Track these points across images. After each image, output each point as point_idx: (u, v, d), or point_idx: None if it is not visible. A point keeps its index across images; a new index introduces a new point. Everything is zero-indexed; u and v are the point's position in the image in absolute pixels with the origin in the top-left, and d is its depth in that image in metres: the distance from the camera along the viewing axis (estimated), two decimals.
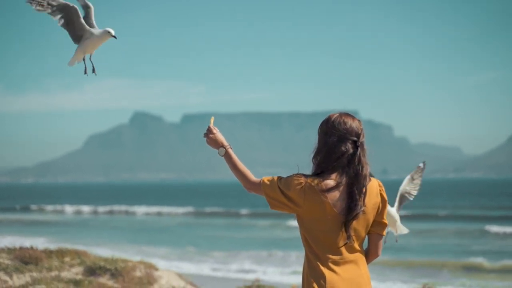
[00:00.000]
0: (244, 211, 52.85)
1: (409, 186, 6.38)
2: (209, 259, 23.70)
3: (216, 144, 3.95)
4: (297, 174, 3.68)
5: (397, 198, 6.28)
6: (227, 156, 3.91)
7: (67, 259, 9.51)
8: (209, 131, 3.97)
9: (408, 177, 6.34)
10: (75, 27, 4.69)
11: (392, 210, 6.05)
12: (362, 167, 3.64)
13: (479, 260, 22.32)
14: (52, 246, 11.60)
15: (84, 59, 4.79)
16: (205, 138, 3.98)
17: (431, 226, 36.75)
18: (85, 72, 4.81)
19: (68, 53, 4.79)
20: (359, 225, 3.65)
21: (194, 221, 46.54)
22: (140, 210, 57.75)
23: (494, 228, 33.23)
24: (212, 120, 4.05)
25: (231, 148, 3.93)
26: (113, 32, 4.71)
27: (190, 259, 23.69)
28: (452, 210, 50.22)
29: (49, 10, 4.57)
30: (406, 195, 6.36)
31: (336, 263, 3.62)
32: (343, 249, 3.64)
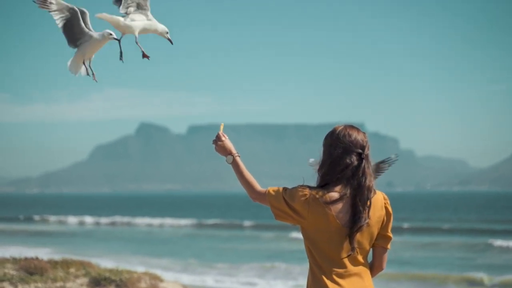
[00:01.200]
0: (247, 223, 52.78)
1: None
2: (212, 271, 23.67)
3: (224, 151, 3.94)
4: (302, 185, 3.69)
5: None
6: (235, 164, 3.90)
7: (72, 270, 9.51)
8: (218, 138, 3.97)
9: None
10: (74, 31, 4.63)
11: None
12: (366, 179, 3.64)
13: (483, 274, 22.24)
14: (57, 256, 11.60)
15: (84, 63, 4.71)
16: (213, 145, 3.97)
17: (436, 239, 36.65)
18: (87, 73, 4.72)
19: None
20: (363, 238, 3.66)
21: (197, 232, 46.49)
22: (144, 221, 57.70)
23: (499, 242, 33.10)
24: (221, 127, 4.03)
25: (239, 156, 3.92)
26: (114, 34, 4.63)
27: (193, 271, 23.67)
28: (456, 223, 50.07)
29: (54, 8, 4.54)
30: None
31: (341, 275, 3.62)
32: (348, 262, 3.64)
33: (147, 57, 4.67)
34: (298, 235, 37.69)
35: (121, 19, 4.58)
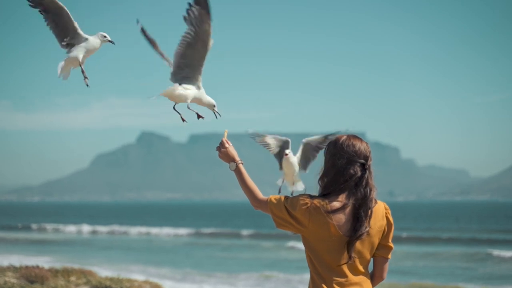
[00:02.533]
0: (247, 232, 52.78)
1: (319, 142, 5.73)
2: (211, 280, 23.62)
3: (227, 158, 3.99)
4: (303, 194, 3.70)
5: (301, 147, 5.80)
6: (238, 171, 3.93)
7: (73, 278, 9.52)
8: (222, 144, 4.02)
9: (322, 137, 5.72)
10: (69, 32, 4.57)
11: (294, 159, 5.57)
12: (370, 190, 3.66)
13: (481, 286, 22.25)
14: (57, 265, 11.63)
15: (81, 66, 4.62)
16: (217, 152, 4.02)
17: (436, 249, 36.63)
18: (85, 78, 4.63)
19: (76, 71, 4.66)
20: (364, 247, 3.67)
21: (196, 241, 46.43)
22: (143, 230, 57.66)
23: (499, 252, 33.07)
24: (225, 134, 4.06)
25: (242, 163, 3.96)
26: (108, 36, 4.59)
27: (192, 280, 23.64)
28: (457, 233, 50.05)
29: (40, 7, 4.47)
30: (311, 149, 5.76)
31: (341, 285, 3.63)
32: (348, 271, 3.65)
33: (202, 117, 4.67)
34: (297, 244, 37.59)
35: (175, 89, 4.50)
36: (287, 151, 5.62)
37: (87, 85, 4.66)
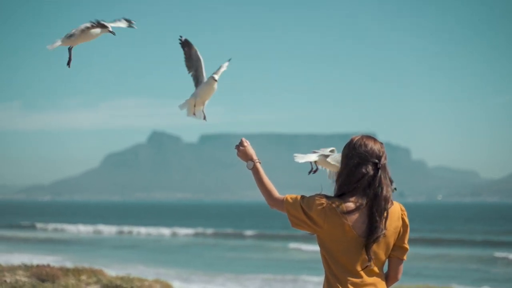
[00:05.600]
0: (254, 232, 52.89)
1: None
2: (218, 280, 23.72)
3: (246, 156, 4.02)
4: (319, 194, 3.71)
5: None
6: (255, 170, 3.96)
7: (83, 277, 9.58)
8: (241, 143, 4.05)
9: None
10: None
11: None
12: (382, 189, 3.66)
13: (489, 287, 22.24)
14: (68, 264, 11.75)
15: (69, 50, 4.65)
16: (235, 150, 4.06)
17: (445, 251, 36.61)
18: (68, 64, 4.67)
19: (86, 70, 4.63)
20: (379, 249, 3.68)
21: (204, 241, 46.56)
22: (151, 230, 57.83)
23: (507, 254, 33.01)
24: None
25: (259, 162, 3.99)
26: (109, 27, 4.58)
27: (199, 280, 23.73)
28: (466, 235, 49.97)
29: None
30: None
31: (356, 285, 3.64)
32: (363, 272, 3.66)
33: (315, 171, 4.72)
34: (303, 245, 37.44)
35: (334, 162, 4.60)
36: (216, 77, 5.06)
37: (69, 67, 4.69)
